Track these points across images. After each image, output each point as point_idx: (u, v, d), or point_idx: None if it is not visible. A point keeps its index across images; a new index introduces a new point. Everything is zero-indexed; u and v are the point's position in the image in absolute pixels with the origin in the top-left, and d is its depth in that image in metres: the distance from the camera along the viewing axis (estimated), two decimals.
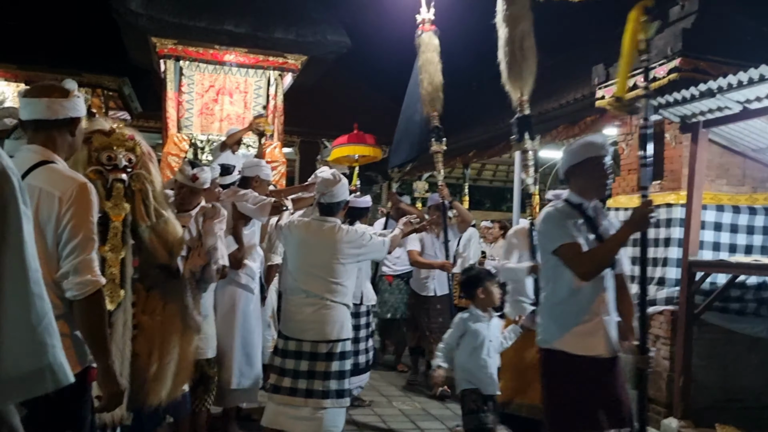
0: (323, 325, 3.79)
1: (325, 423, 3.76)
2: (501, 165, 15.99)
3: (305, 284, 3.85)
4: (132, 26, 8.04)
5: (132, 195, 2.91)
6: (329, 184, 3.94)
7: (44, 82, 2.33)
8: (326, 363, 3.77)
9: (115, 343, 2.78)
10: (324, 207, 3.97)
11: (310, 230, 3.91)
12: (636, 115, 5.77)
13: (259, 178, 4.65)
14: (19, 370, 0.76)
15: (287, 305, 3.96)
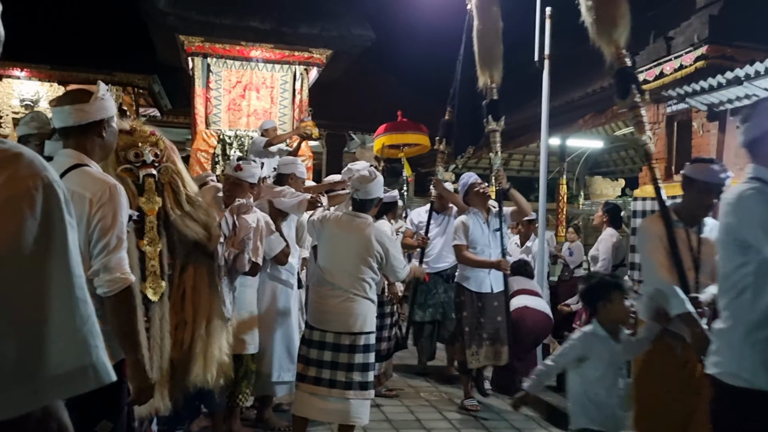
0: (347, 317, 3.84)
1: (350, 413, 3.83)
2: (528, 155, 15.89)
3: (332, 277, 3.90)
4: (160, 25, 8.19)
5: (162, 188, 3.03)
6: (364, 181, 3.95)
7: (69, 90, 2.42)
8: (349, 355, 3.82)
9: (152, 336, 2.92)
10: (357, 203, 3.99)
11: (341, 224, 3.96)
12: (663, 103, 5.74)
13: (294, 176, 4.71)
14: (65, 369, 0.83)
15: (313, 296, 4.03)
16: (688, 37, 5.10)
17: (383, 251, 3.90)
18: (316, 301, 3.97)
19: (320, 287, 3.97)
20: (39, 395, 0.82)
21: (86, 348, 0.86)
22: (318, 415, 3.92)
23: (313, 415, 3.93)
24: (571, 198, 13.42)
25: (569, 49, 9.90)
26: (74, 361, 0.84)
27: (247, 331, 4.09)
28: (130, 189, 2.93)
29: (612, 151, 14.22)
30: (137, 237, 2.93)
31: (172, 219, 3.05)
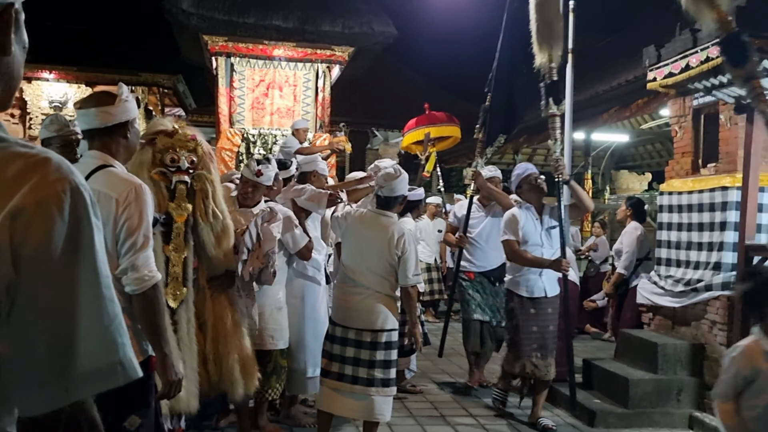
0: (368, 315, 3.85)
1: (373, 410, 3.85)
2: None
3: (354, 274, 3.92)
4: (184, 25, 8.28)
5: (194, 195, 3.07)
6: (389, 178, 3.94)
7: (93, 92, 2.47)
8: (371, 352, 3.83)
9: (180, 339, 2.99)
10: (381, 200, 3.99)
11: (365, 222, 3.97)
12: (689, 96, 5.65)
13: (316, 173, 4.73)
14: (95, 366, 0.86)
15: (336, 293, 4.05)
16: (715, 29, 5.00)
17: (401, 251, 3.88)
18: (339, 297, 4.00)
19: (343, 284, 3.99)
20: (70, 392, 0.85)
21: (114, 345, 0.89)
22: (341, 410, 3.94)
23: (336, 411, 3.95)
24: (596, 193, 13.29)
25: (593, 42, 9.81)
26: (103, 358, 0.87)
27: (275, 326, 4.12)
28: (161, 192, 2.99)
29: (638, 144, 14.05)
30: (163, 242, 2.99)
31: (199, 230, 3.10)
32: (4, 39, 0.92)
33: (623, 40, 11.14)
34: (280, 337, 4.17)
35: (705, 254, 5.11)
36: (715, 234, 5.11)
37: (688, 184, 5.45)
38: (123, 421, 2.24)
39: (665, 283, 5.46)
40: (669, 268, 5.53)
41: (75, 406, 0.87)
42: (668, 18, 5.76)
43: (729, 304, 4.96)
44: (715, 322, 5.10)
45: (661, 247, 5.67)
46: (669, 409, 4.94)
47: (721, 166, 5.29)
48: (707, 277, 4.99)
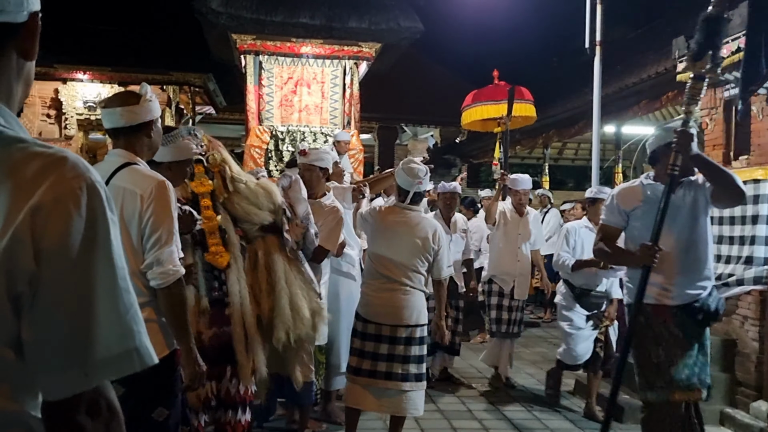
0: (402, 310, 3.86)
1: (407, 405, 3.86)
2: (583, 143, 15.58)
3: (385, 269, 3.90)
4: (213, 24, 8.38)
5: (212, 175, 3.23)
6: (420, 174, 3.90)
7: (118, 92, 2.57)
8: (405, 347, 3.84)
9: (233, 303, 3.12)
10: (414, 195, 3.95)
11: (395, 217, 3.96)
12: (720, 87, 5.55)
13: (335, 165, 4.71)
14: (111, 352, 0.92)
15: (366, 289, 4.03)
16: (746, 19, 4.90)
17: (438, 245, 3.92)
18: (370, 294, 3.96)
19: (375, 280, 3.95)
20: (90, 377, 0.90)
21: (130, 333, 0.94)
22: (373, 407, 3.95)
23: (368, 407, 3.96)
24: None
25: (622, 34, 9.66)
26: (120, 345, 0.93)
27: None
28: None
29: None
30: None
31: (221, 201, 3.21)
32: (30, 45, 0.98)
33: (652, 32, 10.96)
34: (320, 332, 4.20)
35: (737, 248, 5.02)
36: (746, 228, 5.02)
37: None
38: (151, 412, 2.31)
39: None
40: None
41: (95, 390, 0.92)
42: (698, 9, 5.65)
43: (761, 299, 4.87)
44: (746, 317, 5.01)
45: None
46: (700, 406, 4.87)
47: (753, 158, 5.19)
48: (739, 272, 4.90)
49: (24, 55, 0.97)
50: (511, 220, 5.79)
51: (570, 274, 5.03)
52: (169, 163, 2.80)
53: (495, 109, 6.97)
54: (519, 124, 7.47)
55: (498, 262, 5.84)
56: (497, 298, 5.74)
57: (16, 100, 1.00)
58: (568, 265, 4.99)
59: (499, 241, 5.83)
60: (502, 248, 5.80)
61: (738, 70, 4.75)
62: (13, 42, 0.95)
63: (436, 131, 17.12)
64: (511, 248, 5.76)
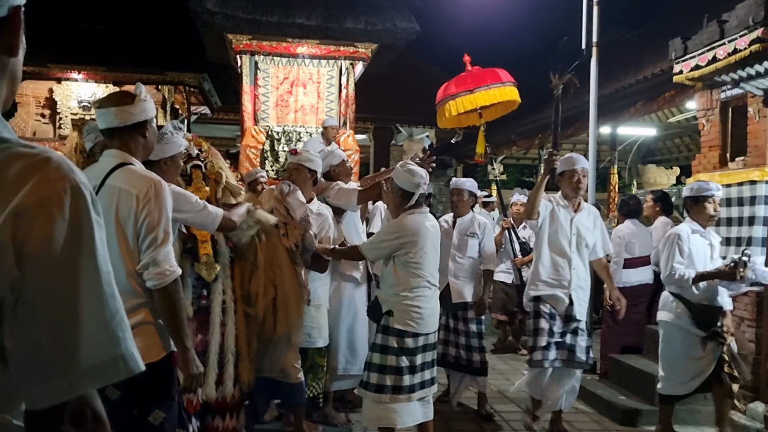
0: (438, 316, 3.88)
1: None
2: (579, 144, 15.58)
3: (432, 278, 3.78)
4: (209, 25, 8.35)
5: (208, 180, 3.28)
6: (423, 173, 3.76)
7: (112, 92, 2.56)
8: (434, 351, 3.85)
9: (214, 310, 3.21)
10: (424, 197, 3.84)
11: (432, 224, 3.83)
12: (717, 89, 5.56)
13: (334, 167, 4.64)
14: (97, 360, 0.89)
15: (420, 302, 3.70)
16: (743, 20, 4.90)
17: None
18: (425, 307, 3.70)
19: (427, 289, 3.73)
20: (74, 385, 0.88)
21: (116, 340, 0.91)
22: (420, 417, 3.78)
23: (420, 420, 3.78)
24: (623, 187, 13.12)
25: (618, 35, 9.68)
26: (105, 352, 0.90)
27: (312, 324, 4.13)
28: (177, 182, 3.14)
29: (666, 138, 13.82)
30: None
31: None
32: (13, 40, 0.94)
33: (648, 33, 10.98)
34: (318, 335, 4.17)
35: (733, 249, 5.02)
36: (743, 229, 5.03)
37: (716, 178, 5.36)
38: (148, 415, 2.28)
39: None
40: None
41: (80, 399, 0.89)
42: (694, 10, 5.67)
43: (758, 300, 4.88)
44: (743, 318, 5.02)
45: None
46: (696, 407, 4.88)
47: (749, 159, 5.20)
48: None
49: (7, 51, 0.94)
50: (562, 217, 4.43)
51: (685, 288, 4.22)
52: (164, 159, 2.85)
53: (470, 100, 6.16)
54: (502, 110, 6.68)
55: (545, 274, 4.44)
56: (547, 322, 4.37)
57: (1, 99, 0.97)
58: (687, 278, 4.16)
59: (547, 245, 4.45)
60: (550, 254, 4.45)
61: (734, 72, 4.76)
62: None
63: (431, 132, 17.11)
64: (562, 254, 4.42)
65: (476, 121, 6.65)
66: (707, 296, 4.22)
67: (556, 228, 4.41)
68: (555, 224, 4.42)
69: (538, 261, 4.47)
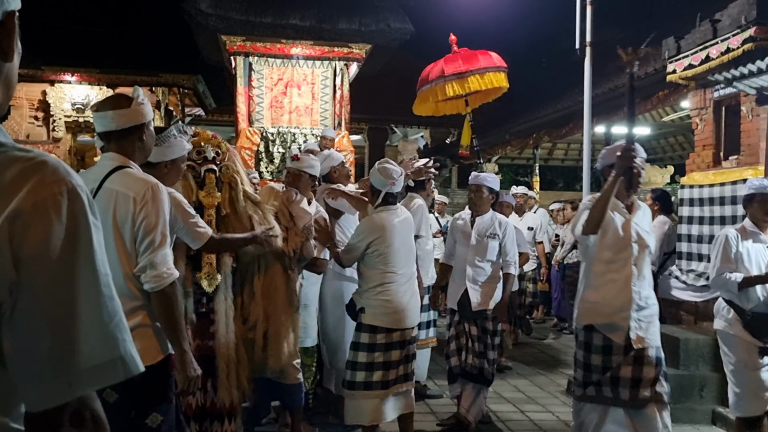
0: (417, 311, 4.03)
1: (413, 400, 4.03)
2: (573, 144, 15.64)
3: (404, 270, 3.95)
4: (203, 26, 8.34)
5: (221, 186, 3.26)
6: (394, 175, 3.85)
7: (109, 95, 2.56)
8: (410, 346, 3.96)
9: (218, 321, 3.22)
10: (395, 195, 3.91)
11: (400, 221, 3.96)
12: (710, 88, 5.58)
13: (334, 168, 4.67)
14: (96, 362, 0.89)
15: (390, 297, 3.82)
16: (735, 19, 4.93)
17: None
18: (392, 302, 3.78)
19: (401, 285, 3.81)
20: (73, 387, 0.88)
21: (115, 342, 0.91)
22: (394, 413, 3.89)
23: (398, 413, 3.91)
24: None
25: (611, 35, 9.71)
26: (104, 354, 0.90)
27: (301, 325, 4.11)
28: (189, 183, 3.15)
29: (660, 137, 13.88)
30: None
31: (224, 215, 3.22)
32: (8, 45, 0.94)
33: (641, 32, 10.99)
34: (305, 335, 4.18)
35: None
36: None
37: (710, 177, 5.39)
38: (146, 418, 2.28)
39: (687, 278, 5.41)
40: (690, 263, 5.48)
41: (79, 401, 0.90)
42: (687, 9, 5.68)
43: None
44: None
45: (683, 241, 5.62)
46: (692, 405, 4.90)
47: (742, 158, 5.22)
48: None
49: (1, 56, 0.94)
50: (617, 222, 3.51)
51: (736, 294, 3.90)
52: (164, 162, 2.84)
53: (462, 85, 5.61)
54: (489, 97, 6.15)
55: (600, 297, 3.54)
56: (600, 356, 3.51)
57: None
58: (733, 282, 3.85)
59: (603, 261, 3.54)
60: (606, 273, 3.53)
61: (727, 71, 4.78)
62: None
63: (426, 132, 17.13)
64: (623, 271, 3.48)
65: (458, 109, 6.19)
66: (763, 302, 3.88)
67: (611, 236, 3.48)
68: (608, 232, 3.48)
69: (592, 280, 3.59)
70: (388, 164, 3.95)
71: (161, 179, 2.69)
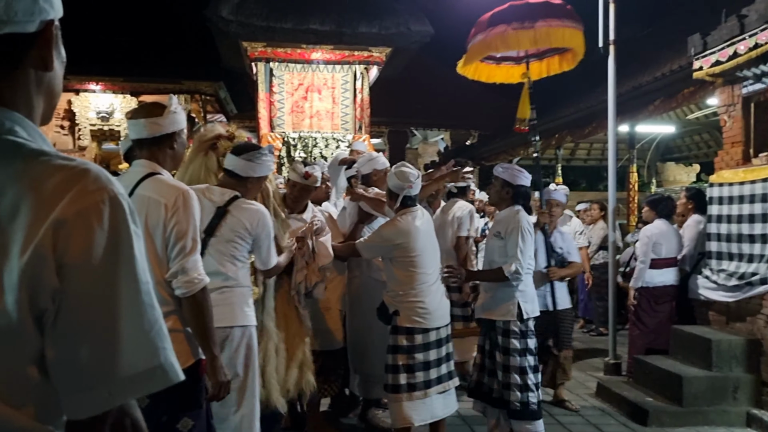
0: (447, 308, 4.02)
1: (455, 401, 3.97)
2: (595, 143, 15.48)
3: (433, 272, 3.97)
4: (224, 33, 8.41)
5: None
6: (411, 178, 3.83)
7: (144, 103, 2.58)
8: (448, 345, 3.96)
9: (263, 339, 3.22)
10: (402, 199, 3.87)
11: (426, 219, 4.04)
12: (738, 84, 5.48)
13: (377, 171, 4.60)
14: (136, 370, 0.89)
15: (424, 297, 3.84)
16: (763, 14, 4.83)
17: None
18: (425, 302, 3.78)
19: (431, 285, 3.84)
20: (114, 395, 0.88)
21: (155, 350, 0.91)
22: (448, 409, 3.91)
23: (444, 412, 3.88)
24: (642, 186, 12.99)
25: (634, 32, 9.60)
26: (144, 362, 0.90)
27: (319, 327, 4.11)
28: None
29: (685, 135, 13.70)
30: None
31: None
32: (47, 55, 0.95)
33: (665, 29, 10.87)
34: (328, 339, 4.17)
35: (759, 246, 4.94)
36: (767, 225, 4.95)
37: (739, 174, 5.28)
38: (176, 423, 2.29)
39: (718, 278, 5.31)
40: (721, 262, 5.37)
41: (119, 409, 0.90)
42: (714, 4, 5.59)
43: None
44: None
45: (712, 240, 5.50)
46: (725, 407, 4.80)
47: None
48: (762, 270, 4.83)
49: (41, 66, 0.95)
50: None
51: None
52: (253, 177, 2.96)
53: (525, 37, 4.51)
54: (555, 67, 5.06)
55: None
56: None
57: (38, 113, 0.98)
58: None
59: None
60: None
61: (756, 66, 4.69)
62: (27, 53, 0.92)
63: (446, 134, 17.10)
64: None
65: (514, 77, 5.19)
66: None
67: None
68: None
69: None
70: (405, 167, 3.94)
71: (244, 192, 2.90)
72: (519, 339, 3.90)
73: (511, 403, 3.87)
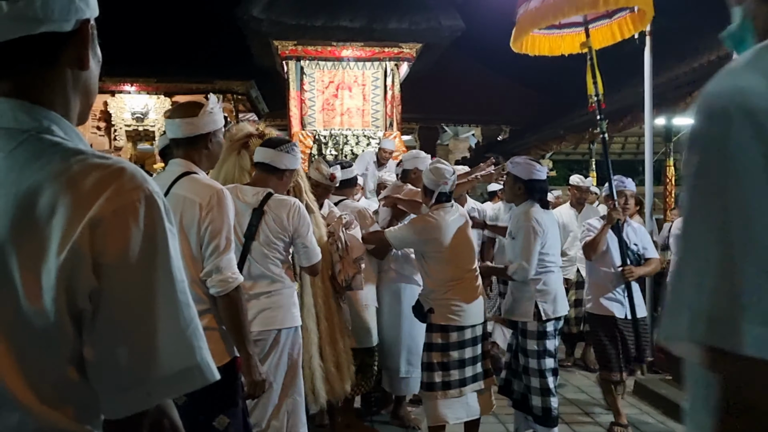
0: (483, 304, 3.93)
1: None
2: (630, 136, 15.22)
3: (470, 267, 3.91)
4: (255, 31, 8.48)
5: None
6: (447, 174, 3.79)
7: (182, 103, 2.60)
8: (484, 342, 3.88)
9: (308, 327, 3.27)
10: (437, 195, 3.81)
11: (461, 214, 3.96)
12: None
13: (417, 170, 4.57)
14: (173, 370, 0.88)
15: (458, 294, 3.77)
16: None
17: None
18: (460, 299, 3.72)
19: (466, 282, 3.78)
20: (152, 395, 0.88)
21: (191, 349, 0.91)
22: (485, 407, 3.83)
23: (480, 410, 3.83)
24: (679, 179, 12.71)
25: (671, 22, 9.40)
26: (181, 362, 0.89)
27: (360, 325, 4.14)
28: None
29: None
30: None
31: None
32: (82, 54, 0.95)
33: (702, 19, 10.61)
34: (366, 336, 4.18)
35: None
36: None
37: None
38: (212, 420, 2.30)
39: None
40: None
41: (157, 409, 0.90)
42: None
43: None
44: None
45: None
46: None
47: None
48: None
49: (77, 65, 0.95)
50: None
51: None
52: (288, 170, 3.00)
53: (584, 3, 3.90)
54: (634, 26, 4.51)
55: None
56: None
57: (75, 112, 0.98)
58: None
59: None
60: None
61: None
62: (63, 52, 0.93)
63: (477, 130, 16.99)
64: None
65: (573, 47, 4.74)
66: None
67: None
68: None
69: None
70: (440, 164, 3.91)
71: (276, 186, 2.93)
72: (536, 340, 3.83)
73: (533, 407, 3.86)
